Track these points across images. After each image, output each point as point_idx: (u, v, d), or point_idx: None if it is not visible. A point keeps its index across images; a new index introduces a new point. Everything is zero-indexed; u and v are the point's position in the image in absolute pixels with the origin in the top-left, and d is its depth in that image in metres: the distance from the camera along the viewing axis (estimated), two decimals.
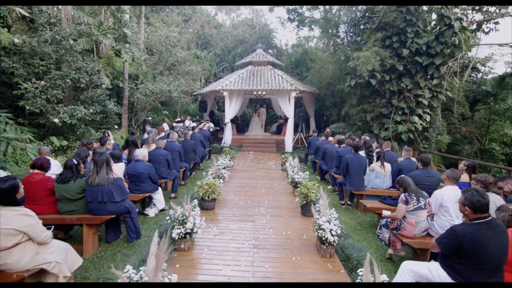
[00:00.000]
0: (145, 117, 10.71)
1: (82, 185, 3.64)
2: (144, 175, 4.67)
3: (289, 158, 8.07)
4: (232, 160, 8.59)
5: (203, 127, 10.28)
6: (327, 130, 9.91)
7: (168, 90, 10.34)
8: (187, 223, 3.44)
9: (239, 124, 15.09)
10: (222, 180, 6.17)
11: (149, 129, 7.87)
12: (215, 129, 12.90)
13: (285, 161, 8.19)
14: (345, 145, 6.84)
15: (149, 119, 10.36)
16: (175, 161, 6.25)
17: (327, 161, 7.39)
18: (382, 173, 5.51)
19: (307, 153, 9.73)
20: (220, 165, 6.79)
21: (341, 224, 4.05)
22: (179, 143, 6.83)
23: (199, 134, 8.67)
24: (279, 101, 12.23)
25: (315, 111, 14.83)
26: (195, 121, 12.13)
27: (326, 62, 13.81)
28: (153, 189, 4.88)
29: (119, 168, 4.55)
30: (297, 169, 6.52)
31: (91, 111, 7.05)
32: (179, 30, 14.36)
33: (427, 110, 9.15)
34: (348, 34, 12.80)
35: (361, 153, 5.95)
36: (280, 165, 8.88)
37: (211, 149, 10.26)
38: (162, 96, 10.94)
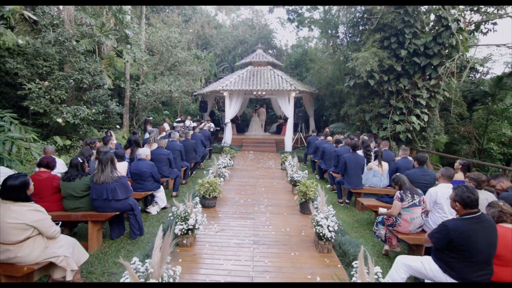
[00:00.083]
0: (146, 117, 10.82)
1: (87, 183, 3.75)
2: (146, 173, 4.79)
3: (288, 157, 8.17)
4: (232, 159, 8.69)
5: (203, 126, 10.39)
6: (326, 130, 10.05)
7: (169, 90, 10.45)
8: (189, 220, 3.55)
9: (239, 124, 15.18)
10: (222, 178, 6.28)
11: (150, 129, 7.98)
12: (215, 129, 13.01)
13: (285, 161, 8.29)
14: (342, 145, 6.95)
15: (150, 119, 10.48)
16: (177, 160, 6.35)
17: (326, 161, 7.50)
18: (379, 172, 5.61)
19: (306, 153, 9.84)
20: (220, 164, 6.90)
21: (339, 221, 4.16)
22: (180, 142, 6.94)
23: (199, 134, 8.79)
24: (279, 101, 12.33)
25: (314, 111, 14.91)
26: (195, 121, 12.23)
27: (325, 62, 13.90)
28: (155, 187, 4.99)
29: (123, 166, 4.67)
30: (296, 168, 6.64)
31: (94, 111, 7.16)
32: (180, 30, 14.44)
33: (425, 110, 9.26)
34: (347, 35, 12.91)
35: (359, 152, 6.07)
36: (279, 165, 8.98)
37: (212, 149, 10.38)
38: (163, 96, 11.04)
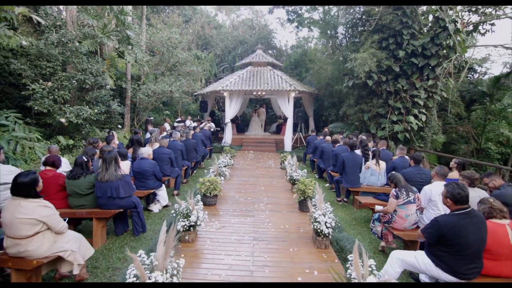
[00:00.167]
0: (147, 117, 10.93)
1: (91, 181, 3.86)
2: (149, 172, 4.90)
3: (288, 157, 8.28)
4: (232, 159, 8.79)
5: (204, 126, 10.50)
6: (325, 129, 10.16)
7: (169, 90, 10.56)
8: (191, 216, 3.66)
9: (239, 124, 15.29)
10: (223, 177, 6.39)
11: (151, 128, 8.08)
12: (215, 129, 13.12)
13: (284, 160, 8.39)
14: (339, 144, 7.07)
15: (151, 119, 10.58)
16: (178, 159, 6.46)
17: (324, 160, 7.61)
18: (377, 171, 5.73)
19: (305, 152, 9.95)
20: (221, 164, 7.01)
21: (337, 218, 4.27)
22: (181, 142, 7.05)
23: (200, 133, 8.91)
24: (279, 101, 12.43)
25: (314, 111, 15.02)
26: (195, 121, 12.34)
27: (325, 63, 14.00)
28: (157, 186, 5.10)
29: (125, 165, 4.78)
30: (295, 167, 6.75)
31: (96, 111, 7.27)
32: (180, 31, 14.55)
33: (423, 110, 9.37)
34: (346, 35, 13.02)
35: (357, 151, 6.19)
36: (279, 164, 9.08)
37: (212, 148, 10.49)
38: (163, 96, 11.14)
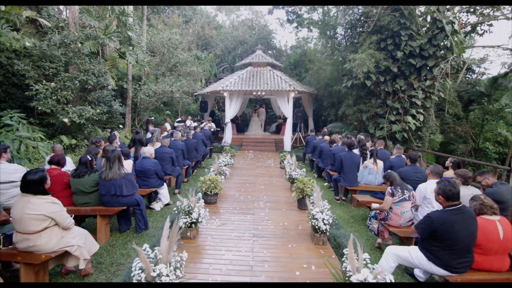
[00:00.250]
0: (148, 117, 11.03)
1: (95, 179, 3.97)
2: (151, 171, 5.01)
3: (287, 156, 8.39)
4: (232, 158, 8.90)
5: (204, 126, 10.61)
6: (324, 129, 10.27)
7: (170, 91, 10.67)
8: (192, 214, 3.77)
9: (239, 124, 15.39)
10: (223, 176, 6.50)
11: (152, 128, 8.19)
12: (216, 129, 13.22)
13: (284, 159, 8.49)
14: (336, 144, 7.19)
15: (152, 119, 10.69)
16: (179, 159, 6.57)
17: (323, 159, 7.71)
18: (374, 170, 5.84)
19: (305, 152, 10.05)
20: (221, 163, 7.12)
21: (336, 217, 4.38)
22: (182, 142, 7.16)
23: (200, 133, 9.01)
24: (278, 101, 12.54)
25: (313, 111, 15.12)
26: (195, 121, 12.44)
27: (324, 63, 14.10)
28: (159, 184, 5.21)
29: (128, 164, 4.89)
30: (294, 166, 6.85)
31: (98, 111, 7.38)
32: (180, 32, 14.65)
33: (421, 110, 9.48)
34: (345, 36, 13.13)
35: (355, 151, 6.30)
36: (278, 163, 9.19)
37: (212, 148, 10.60)
38: (164, 96, 11.25)
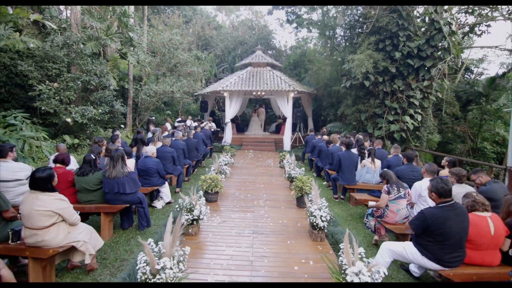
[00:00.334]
0: (149, 117, 11.14)
1: (99, 177, 4.07)
2: (153, 170, 5.11)
3: (286, 155, 8.49)
4: (232, 158, 9.00)
5: (204, 126, 10.71)
6: (323, 129, 10.38)
7: (171, 91, 10.77)
8: (194, 211, 3.88)
9: (239, 123, 15.49)
10: (223, 175, 6.60)
11: (153, 128, 8.28)
12: (216, 129, 13.32)
13: (283, 159, 8.60)
14: (333, 145, 7.30)
15: (153, 118, 10.79)
16: (180, 158, 6.67)
17: (322, 159, 7.82)
18: (372, 169, 5.94)
19: (304, 151, 10.15)
20: (221, 162, 7.22)
21: (333, 215, 4.48)
22: (183, 141, 7.26)
23: (201, 133, 9.11)
24: (278, 101, 12.63)
25: (313, 111, 15.22)
26: (196, 121, 12.54)
27: (323, 63, 14.19)
28: (160, 183, 5.32)
29: (130, 163, 4.99)
30: (294, 165, 6.96)
31: (100, 111, 7.48)
32: (181, 32, 14.73)
33: (419, 110, 9.58)
34: (344, 37, 13.23)
35: (353, 150, 6.41)
36: (278, 163, 9.29)
37: (213, 148, 10.70)
38: (165, 96, 11.35)
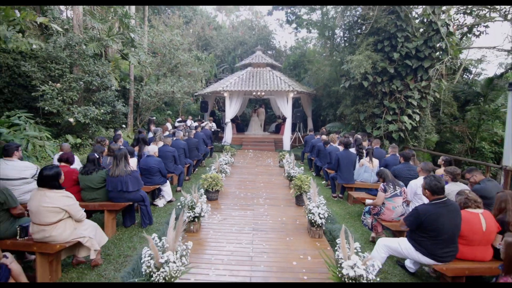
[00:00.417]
0: (150, 117, 11.23)
1: (103, 176, 4.18)
2: (154, 169, 5.21)
3: (286, 155, 8.59)
4: (232, 157, 9.10)
5: (205, 126, 10.82)
6: (323, 129, 10.49)
7: (171, 91, 10.87)
8: (195, 208, 3.98)
9: (239, 123, 15.59)
10: (224, 174, 6.71)
11: (155, 128, 8.39)
12: (216, 129, 13.42)
13: (283, 158, 8.70)
14: (330, 144, 7.40)
15: (154, 118, 10.88)
16: (180, 157, 6.77)
17: (321, 158, 7.92)
18: (370, 168, 6.05)
19: (303, 151, 10.25)
20: (222, 161, 7.33)
21: (332, 213, 4.58)
22: (183, 141, 7.36)
23: (201, 133, 9.21)
24: (278, 101, 12.73)
25: (312, 111, 15.32)
26: (196, 121, 12.64)
27: (323, 64, 14.27)
28: (162, 181, 5.42)
29: (132, 162, 5.08)
30: (293, 164, 7.06)
31: (102, 111, 7.58)
32: (181, 32, 14.83)
33: (417, 110, 9.69)
34: (343, 37, 13.34)
35: (351, 150, 6.51)
36: (278, 162, 9.40)
37: (213, 147, 10.80)
38: (165, 97, 11.45)
